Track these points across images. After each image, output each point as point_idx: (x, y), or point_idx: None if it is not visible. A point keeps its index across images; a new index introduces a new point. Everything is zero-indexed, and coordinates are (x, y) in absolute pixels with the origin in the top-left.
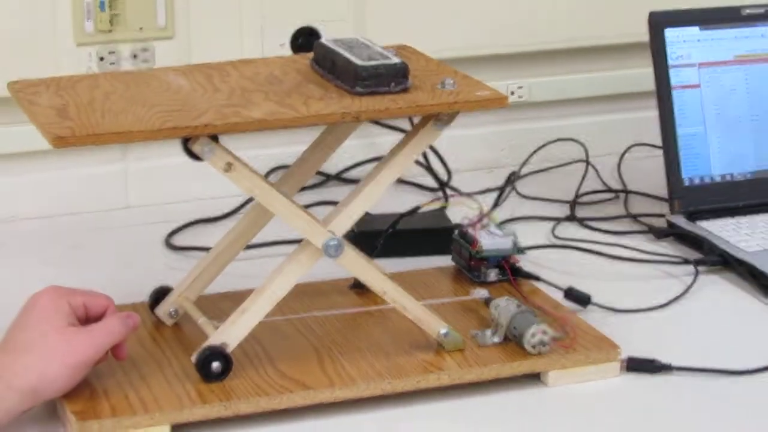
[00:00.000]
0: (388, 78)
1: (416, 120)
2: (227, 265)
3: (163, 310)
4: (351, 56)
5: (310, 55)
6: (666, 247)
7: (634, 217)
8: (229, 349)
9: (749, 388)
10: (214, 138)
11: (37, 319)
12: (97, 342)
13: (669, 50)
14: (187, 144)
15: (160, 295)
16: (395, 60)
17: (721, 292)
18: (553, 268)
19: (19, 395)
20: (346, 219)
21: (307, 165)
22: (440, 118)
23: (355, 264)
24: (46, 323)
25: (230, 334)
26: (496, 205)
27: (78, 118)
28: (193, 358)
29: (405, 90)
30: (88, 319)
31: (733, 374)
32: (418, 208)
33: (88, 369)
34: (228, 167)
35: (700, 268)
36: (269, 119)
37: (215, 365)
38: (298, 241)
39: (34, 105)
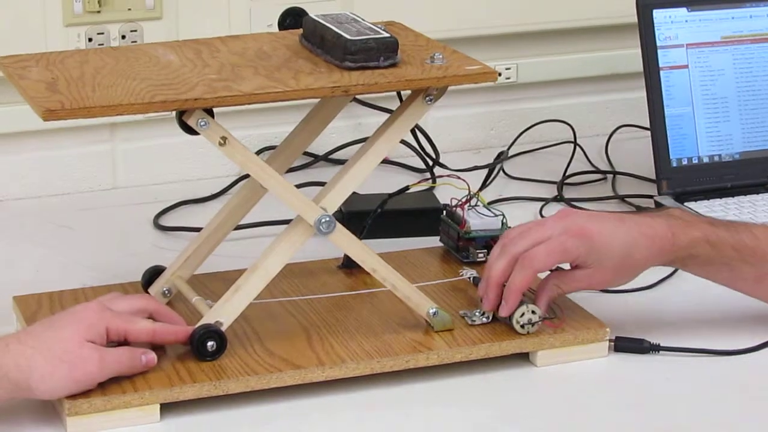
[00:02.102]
0: (377, 52)
1: (405, 96)
2: (219, 244)
3: (156, 289)
4: (340, 31)
5: (299, 31)
6: None
7: (622, 198)
8: (224, 328)
9: (737, 369)
10: (209, 112)
11: (66, 323)
12: (106, 367)
13: (657, 31)
14: (182, 117)
15: (153, 275)
16: (385, 35)
17: None
18: None
19: (12, 387)
20: (337, 196)
21: (295, 144)
22: (429, 93)
23: (346, 241)
24: (72, 332)
25: (224, 312)
26: (484, 185)
27: (68, 92)
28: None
29: (394, 65)
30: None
31: (721, 354)
32: (406, 188)
33: (91, 386)
34: (223, 141)
35: None
36: (259, 93)
37: (210, 344)
38: (285, 222)
39: (24, 79)
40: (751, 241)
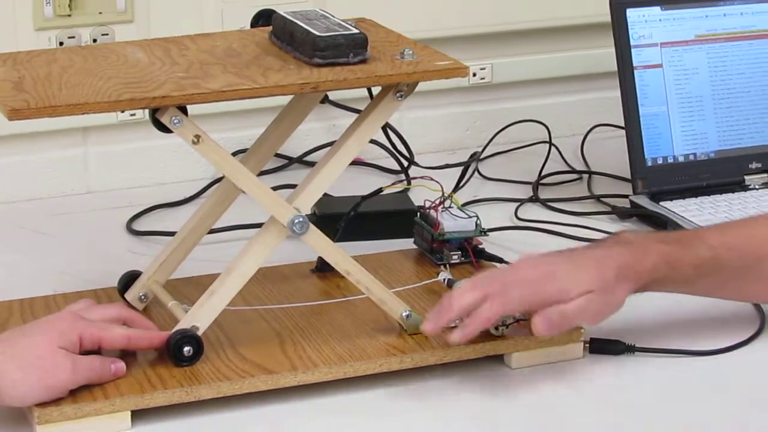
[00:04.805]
0: (346, 49)
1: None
2: (194, 248)
3: (133, 294)
4: (309, 27)
5: (269, 28)
6: (630, 228)
7: (598, 198)
8: (200, 332)
9: (713, 369)
10: (183, 111)
11: (38, 331)
12: (78, 374)
13: (631, 30)
14: (155, 115)
15: (130, 280)
16: (354, 31)
17: None
18: (516, 250)
19: None
20: (310, 196)
21: (267, 145)
22: (400, 88)
23: (319, 242)
24: (45, 339)
25: (200, 316)
26: (458, 186)
27: (34, 91)
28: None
29: (364, 61)
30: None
31: (696, 355)
32: (380, 190)
33: (62, 394)
34: (196, 139)
35: None
36: (227, 90)
37: (186, 349)
38: (257, 225)
39: None
40: (707, 252)
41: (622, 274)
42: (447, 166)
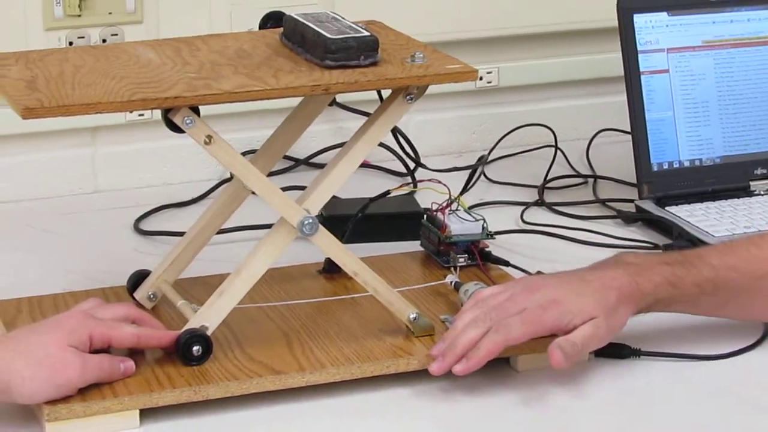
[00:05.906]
0: (357, 51)
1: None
2: (203, 248)
3: (142, 293)
4: (320, 30)
5: (280, 29)
6: (635, 232)
7: (603, 202)
8: (209, 332)
9: (717, 374)
10: (195, 111)
11: (48, 329)
12: (87, 372)
13: (638, 35)
14: (167, 115)
15: (139, 279)
16: (365, 33)
17: None
18: (522, 253)
19: None
20: (320, 197)
21: (276, 146)
22: (410, 91)
23: (328, 243)
24: (55, 337)
25: (209, 316)
26: (465, 189)
27: (47, 90)
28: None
29: (375, 63)
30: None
31: (701, 359)
32: (387, 192)
33: (72, 392)
34: (208, 140)
35: None
36: (239, 92)
37: (196, 348)
38: (266, 226)
39: (3, 78)
40: (709, 272)
41: (623, 297)
42: (454, 169)
